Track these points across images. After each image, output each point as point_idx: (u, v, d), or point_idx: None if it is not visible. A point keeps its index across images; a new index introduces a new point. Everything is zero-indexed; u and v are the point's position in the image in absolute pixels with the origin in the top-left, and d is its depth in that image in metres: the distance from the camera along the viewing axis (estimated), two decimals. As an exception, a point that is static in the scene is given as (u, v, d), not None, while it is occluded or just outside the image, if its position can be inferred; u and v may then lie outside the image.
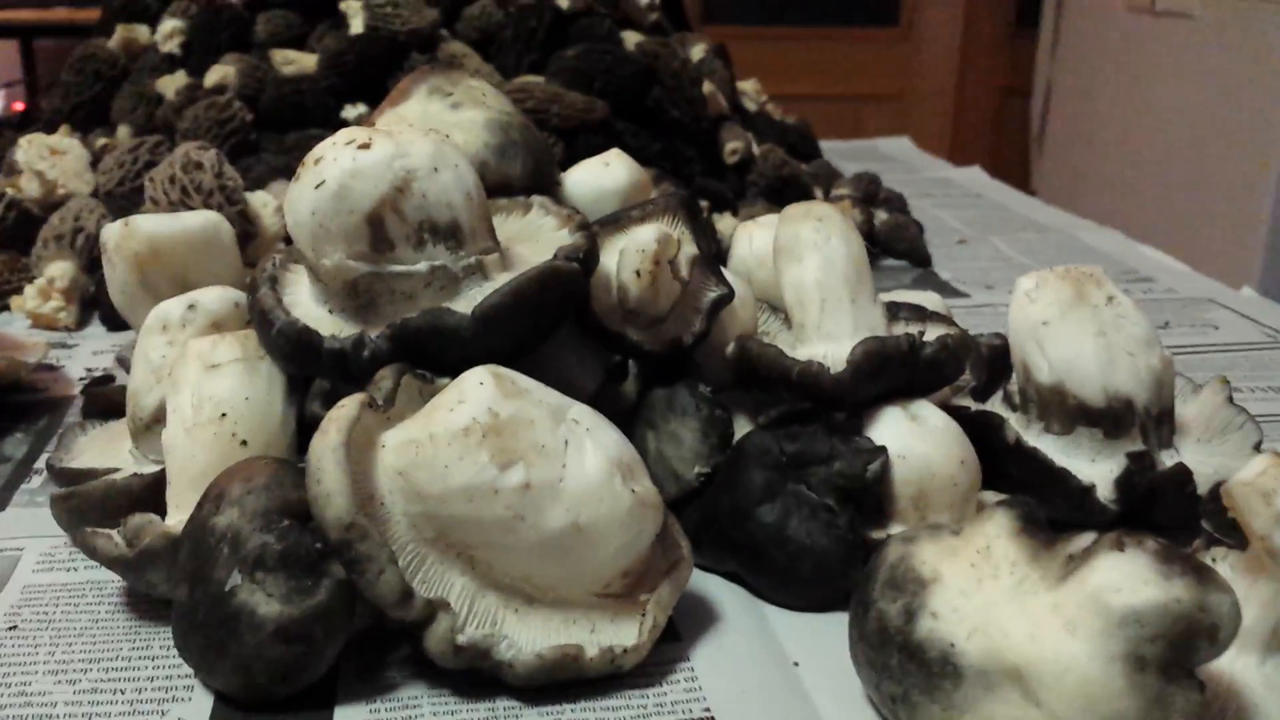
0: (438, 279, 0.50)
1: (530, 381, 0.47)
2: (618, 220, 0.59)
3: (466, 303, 0.49)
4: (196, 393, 0.50)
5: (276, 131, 1.00)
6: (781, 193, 1.05)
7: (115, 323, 0.85)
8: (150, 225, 0.61)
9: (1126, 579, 0.39)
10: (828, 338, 0.56)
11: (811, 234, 0.58)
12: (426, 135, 0.50)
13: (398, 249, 0.49)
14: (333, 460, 0.43)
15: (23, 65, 3.78)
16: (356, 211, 0.48)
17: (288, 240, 0.89)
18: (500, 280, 0.50)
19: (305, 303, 0.52)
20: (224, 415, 0.50)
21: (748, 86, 1.27)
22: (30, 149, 0.94)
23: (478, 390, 0.45)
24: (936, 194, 1.40)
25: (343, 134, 0.49)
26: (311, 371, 0.51)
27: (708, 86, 1.12)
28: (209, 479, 0.48)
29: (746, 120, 1.21)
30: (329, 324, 0.50)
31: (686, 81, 1.08)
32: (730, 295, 0.58)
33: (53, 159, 0.94)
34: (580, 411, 0.47)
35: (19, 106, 3.78)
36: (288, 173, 0.94)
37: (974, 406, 0.59)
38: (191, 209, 0.83)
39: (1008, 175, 1.62)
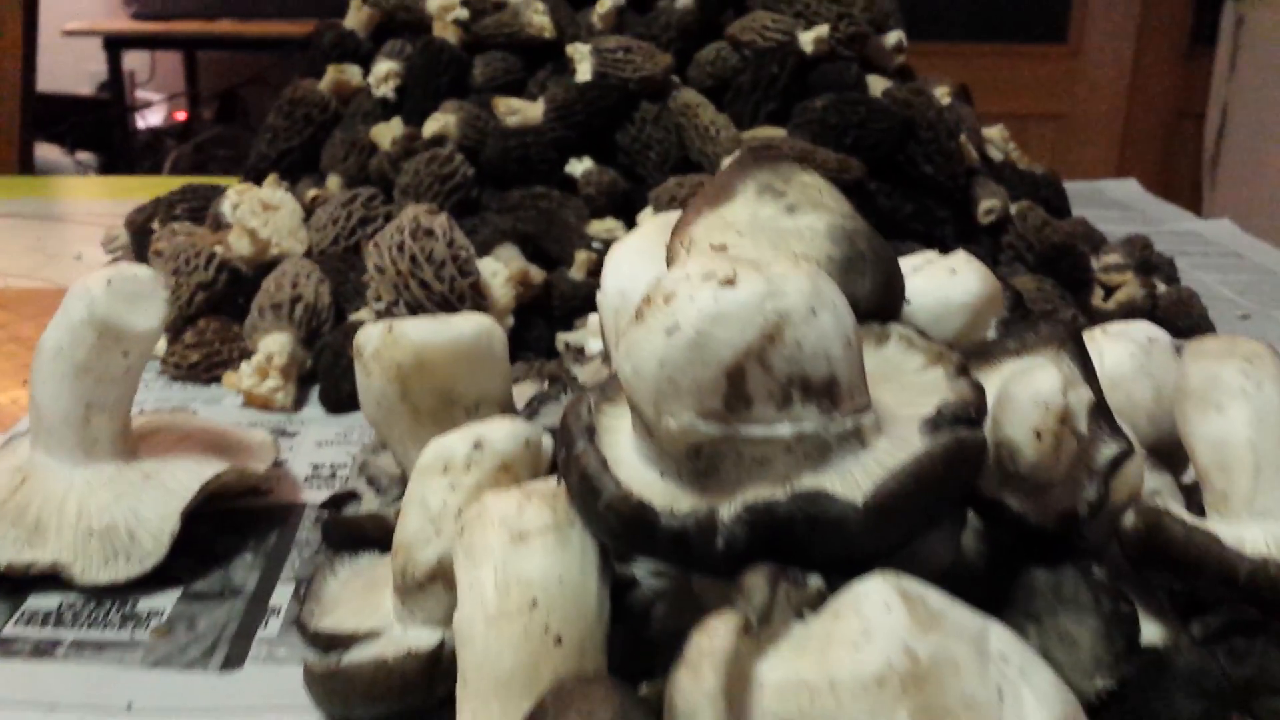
0: (803, 446, 0.39)
1: (940, 598, 0.36)
2: (989, 353, 0.48)
3: (840, 478, 0.39)
4: (502, 571, 0.41)
5: (498, 187, 0.92)
6: (1056, 264, 0.93)
7: (335, 404, 0.77)
8: (418, 334, 0.52)
9: None
10: (1264, 515, 0.44)
11: (1238, 379, 0.46)
12: (799, 267, 0.40)
13: (755, 407, 0.39)
14: (711, 713, 0.33)
15: (186, 77, 3.88)
16: (715, 364, 0.38)
17: (523, 316, 0.81)
18: (879, 449, 0.40)
19: (629, 461, 0.42)
20: (535, 603, 0.40)
21: (994, 134, 1.14)
22: (243, 205, 0.88)
23: (885, 619, 0.34)
24: (1191, 251, 1.25)
25: (698, 266, 0.39)
26: (641, 552, 0.42)
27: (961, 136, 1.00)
28: (516, 683, 0.40)
29: (993, 171, 1.08)
30: (661, 492, 0.41)
31: (944, 133, 0.96)
32: (1130, 451, 0.46)
33: (265, 215, 0.87)
34: (1002, 640, 0.36)
35: (181, 116, 3.88)
36: (514, 235, 0.86)
37: None
38: (423, 281, 0.76)
39: (1176, 202, 1.50)
